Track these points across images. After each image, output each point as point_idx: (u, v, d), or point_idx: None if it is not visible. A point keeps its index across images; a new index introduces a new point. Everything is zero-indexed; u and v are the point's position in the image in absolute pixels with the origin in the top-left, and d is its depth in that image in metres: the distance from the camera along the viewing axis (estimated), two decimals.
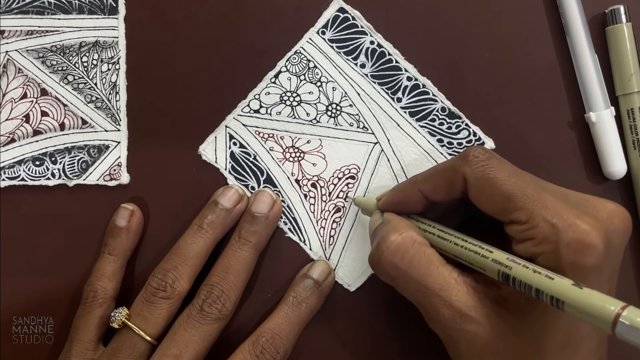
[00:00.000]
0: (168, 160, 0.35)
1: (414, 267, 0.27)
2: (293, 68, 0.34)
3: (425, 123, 0.34)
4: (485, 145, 0.34)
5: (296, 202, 0.34)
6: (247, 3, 0.35)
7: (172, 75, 0.35)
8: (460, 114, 0.34)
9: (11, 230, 0.35)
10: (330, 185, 0.34)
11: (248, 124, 0.34)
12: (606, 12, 0.34)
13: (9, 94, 0.35)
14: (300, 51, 0.34)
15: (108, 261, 0.33)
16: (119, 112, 0.35)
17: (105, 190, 0.35)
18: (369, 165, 0.34)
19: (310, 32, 0.35)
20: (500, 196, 0.26)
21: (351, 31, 0.35)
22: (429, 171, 0.29)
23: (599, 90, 0.33)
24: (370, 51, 0.34)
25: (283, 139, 0.34)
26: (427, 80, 0.34)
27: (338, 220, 0.34)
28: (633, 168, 0.34)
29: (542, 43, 0.34)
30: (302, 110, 0.34)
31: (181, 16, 0.35)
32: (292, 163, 0.34)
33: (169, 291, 0.31)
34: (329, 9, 0.34)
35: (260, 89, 0.34)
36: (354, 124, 0.34)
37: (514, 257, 0.25)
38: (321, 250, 0.34)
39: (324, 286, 0.33)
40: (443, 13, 0.35)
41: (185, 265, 0.31)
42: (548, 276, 0.23)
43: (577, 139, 0.34)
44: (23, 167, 0.35)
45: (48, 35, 0.35)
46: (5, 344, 0.34)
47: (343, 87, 0.34)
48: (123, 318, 0.31)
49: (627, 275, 0.34)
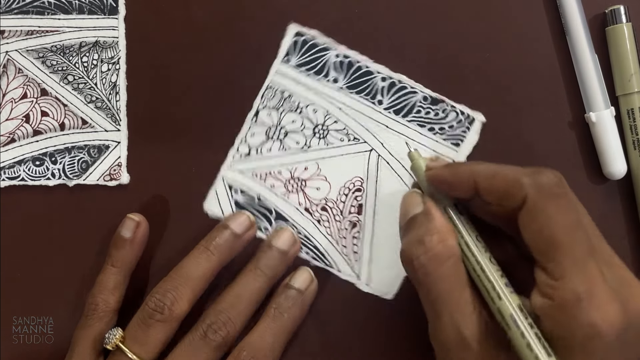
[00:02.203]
0: (168, 160, 0.35)
1: (444, 280, 0.26)
2: (270, 103, 0.34)
3: (412, 117, 0.34)
4: (475, 119, 0.34)
5: (312, 230, 0.34)
6: (247, 6, 0.35)
7: (172, 75, 0.35)
8: (443, 98, 0.34)
9: (11, 230, 0.35)
10: (339, 204, 0.34)
11: (243, 170, 0.34)
12: (606, 12, 0.34)
13: (9, 94, 0.35)
14: (272, 85, 0.34)
15: (111, 273, 0.32)
16: (119, 112, 0.35)
17: (105, 190, 0.35)
18: (370, 174, 0.34)
19: (275, 64, 0.34)
20: (548, 238, 0.24)
21: (314, 51, 0.34)
22: (492, 168, 0.27)
23: (599, 90, 0.33)
24: (339, 64, 0.34)
25: (281, 173, 0.34)
26: (401, 76, 0.34)
27: (357, 235, 0.34)
28: (633, 168, 0.34)
29: (542, 43, 0.34)
30: (291, 141, 0.34)
31: (181, 16, 0.35)
32: (297, 193, 0.34)
33: (167, 314, 0.30)
34: (287, 36, 0.34)
35: (244, 132, 0.34)
36: (344, 138, 0.34)
37: (519, 313, 0.24)
38: (349, 268, 0.34)
39: (306, 295, 0.32)
40: (443, 13, 0.35)
41: (186, 286, 0.30)
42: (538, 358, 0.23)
43: (577, 139, 0.34)
44: (23, 167, 0.35)
45: (48, 35, 0.35)
46: (5, 344, 0.34)
47: (323, 107, 0.34)
48: (117, 341, 0.30)
49: None
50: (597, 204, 0.34)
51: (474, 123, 0.34)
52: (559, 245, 0.24)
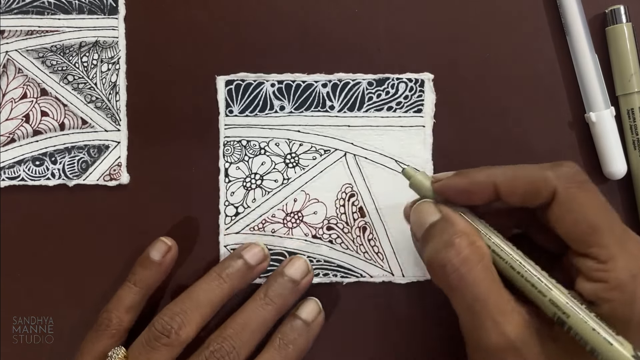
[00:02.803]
0: (168, 160, 0.35)
1: (480, 282, 0.25)
2: (233, 157, 0.34)
3: (367, 106, 0.34)
4: (425, 78, 0.34)
5: (328, 252, 0.34)
6: (248, 3, 0.35)
7: (172, 75, 0.35)
8: (386, 75, 0.34)
9: (11, 230, 0.35)
10: (341, 216, 0.34)
11: (239, 230, 0.34)
12: (606, 12, 0.34)
13: (9, 94, 0.35)
14: (227, 140, 0.34)
15: (131, 292, 0.31)
16: (119, 112, 0.35)
17: (105, 190, 0.35)
18: (355, 175, 0.34)
19: (221, 120, 0.34)
20: (587, 225, 0.24)
21: (250, 90, 0.34)
22: (511, 170, 0.26)
23: (599, 90, 0.33)
24: (277, 91, 0.34)
25: (275, 215, 0.34)
26: (339, 74, 0.34)
27: (372, 237, 0.34)
28: (633, 168, 0.34)
29: (542, 43, 0.34)
30: (269, 182, 0.34)
31: (181, 16, 0.35)
32: (298, 226, 0.34)
33: (173, 337, 0.29)
34: (219, 90, 0.34)
35: (223, 195, 0.34)
36: (315, 156, 0.34)
37: (574, 301, 0.24)
38: (379, 269, 0.34)
39: (313, 326, 0.32)
40: (444, 13, 0.35)
41: (195, 312, 0.30)
42: (607, 340, 0.23)
43: (577, 139, 0.34)
44: (23, 167, 0.35)
45: (48, 35, 0.35)
46: (5, 344, 0.34)
47: (283, 137, 0.34)
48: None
49: None
50: None
51: (425, 84, 0.34)
52: (599, 229, 0.24)
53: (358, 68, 0.34)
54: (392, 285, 0.34)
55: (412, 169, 0.29)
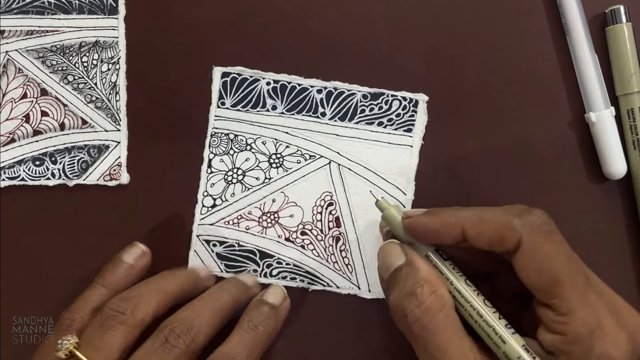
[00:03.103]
0: (168, 160, 0.35)
1: (441, 332, 0.25)
2: (218, 149, 0.34)
3: (358, 118, 0.34)
4: (419, 99, 0.34)
5: (299, 257, 0.34)
6: (248, 3, 0.35)
7: (172, 75, 0.35)
8: (382, 90, 0.34)
9: (11, 230, 0.35)
10: (317, 223, 0.34)
11: (214, 222, 0.34)
12: (606, 12, 0.34)
13: (9, 94, 0.35)
14: (215, 132, 0.34)
15: (98, 293, 0.30)
16: (119, 112, 0.35)
17: (105, 190, 0.35)
18: (336, 184, 0.34)
19: (212, 110, 0.34)
20: (550, 276, 0.24)
21: (245, 85, 0.34)
22: (477, 214, 0.26)
23: (599, 90, 0.33)
24: (272, 91, 0.34)
25: (251, 213, 0.34)
26: (335, 83, 0.34)
27: (344, 248, 0.34)
28: (633, 168, 0.34)
29: (542, 43, 0.34)
30: (251, 179, 0.34)
31: (181, 16, 0.35)
32: (273, 227, 0.34)
33: (128, 316, 0.28)
34: (214, 80, 0.34)
35: (203, 185, 0.34)
36: (300, 160, 0.34)
37: (526, 356, 0.24)
38: (346, 281, 0.34)
39: (280, 310, 0.32)
40: (444, 13, 0.35)
41: (152, 296, 0.29)
42: None
43: (577, 139, 0.34)
44: (23, 167, 0.35)
45: (48, 35, 0.35)
46: (5, 344, 0.34)
47: (271, 136, 0.34)
48: (71, 347, 0.27)
49: (628, 275, 0.34)
50: (597, 204, 0.34)
51: (418, 105, 0.34)
52: (561, 281, 0.24)
53: (357, 68, 0.34)
54: (357, 298, 0.34)
55: (385, 202, 0.29)
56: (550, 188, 0.34)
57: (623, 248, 0.34)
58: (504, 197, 0.34)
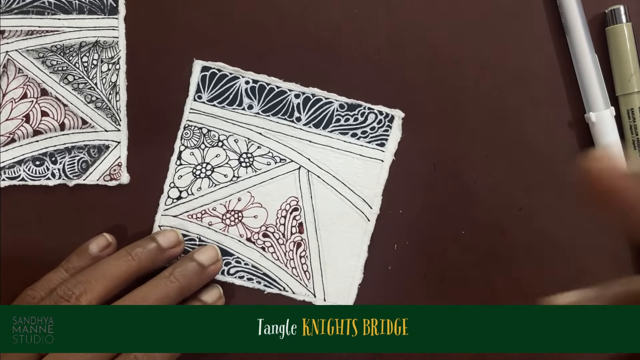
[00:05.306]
0: (168, 160, 0.35)
1: None
2: (190, 142, 0.34)
3: (333, 127, 0.34)
4: (395, 115, 0.34)
5: (258, 259, 0.34)
6: (248, 3, 0.35)
7: (172, 75, 0.35)
8: (359, 102, 0.34)
9: (11, 230, 0.35)
10: (280, 227, 0.34)
11: (177, 214, 0.34)
12: (606, 12, 0.34)
13: (9, 94, 0.35)
14: (188, 124, 0.34)
15: (60, 276, 0.31)
16: (119, 112, 0.35)
17: (105, 190, 0.35)
18: (304, 191, 0.34)
19: (188, 103, 0.34)
20: None
21: (224, 82, 0.34)
22: None
23: (599, 90, 0.33)
24: (250, 90, 0.34)
25: (215, 209, 0.34)
26: (313, 89, 0.34)
27: (304, 254, 0.34)
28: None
29: (542, 43, 0.34)
30: (219, 175, 0.34)
31: (181, 16, 0.35)
32: (235, 226, 0.34)
33: (73, 302, 0.29)
34: (194, 73, 0.34)
35: (171, 176, 0.34)
36: (270, 162, 0.34)
37: None
38: (303, 288, 0.34)
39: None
40: (443, 13, 0.35)
41: (99, 283, 0.30)
42: None
43: (577, 139, 0.34)
44: (23, 167, 0.35)
45: (48, 35, 0.35)
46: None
47: (244, 135, 0.34)
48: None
49: (628, 276, 0.34)
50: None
51: (394, 120, 0.34)
52: None
53: (357, 67, 0.34)
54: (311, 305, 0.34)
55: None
56: (550, 188, 0.34)
57: (623, 247, 0.34)
58: (504, 197, 0.34)
